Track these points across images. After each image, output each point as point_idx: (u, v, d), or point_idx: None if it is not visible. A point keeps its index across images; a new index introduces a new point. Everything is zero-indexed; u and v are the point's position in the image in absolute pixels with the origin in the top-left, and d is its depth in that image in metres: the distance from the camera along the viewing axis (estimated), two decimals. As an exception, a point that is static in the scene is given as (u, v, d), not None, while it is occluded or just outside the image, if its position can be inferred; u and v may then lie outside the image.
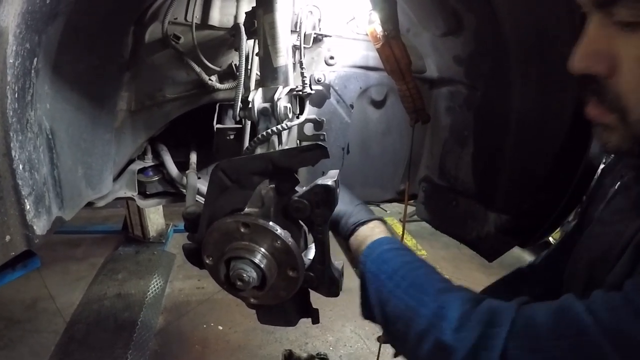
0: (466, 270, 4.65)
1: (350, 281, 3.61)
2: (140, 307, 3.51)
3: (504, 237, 1.41)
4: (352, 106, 1.52)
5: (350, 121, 1.54)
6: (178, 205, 4.64)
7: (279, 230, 0.86)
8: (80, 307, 3.55)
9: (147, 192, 1.67)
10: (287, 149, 0.94)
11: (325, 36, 1.41)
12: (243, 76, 1.19)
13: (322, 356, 3.00)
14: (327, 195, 0.87)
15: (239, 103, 1.17)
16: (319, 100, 1.47)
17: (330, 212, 0.90)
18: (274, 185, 0.94)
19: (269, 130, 1.03)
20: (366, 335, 3.56)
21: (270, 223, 0.87)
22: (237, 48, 1.21)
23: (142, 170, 1.65)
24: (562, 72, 1.03)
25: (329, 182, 0.87)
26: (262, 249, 0.87)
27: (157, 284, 3.86)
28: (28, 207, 0.88)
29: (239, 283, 0.85)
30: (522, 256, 4.98)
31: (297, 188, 0.93)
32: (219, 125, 1.46)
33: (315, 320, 1.11)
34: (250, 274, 0.84)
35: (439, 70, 1.48)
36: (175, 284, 4.04)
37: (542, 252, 1.28)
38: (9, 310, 3.56)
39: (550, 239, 4.62)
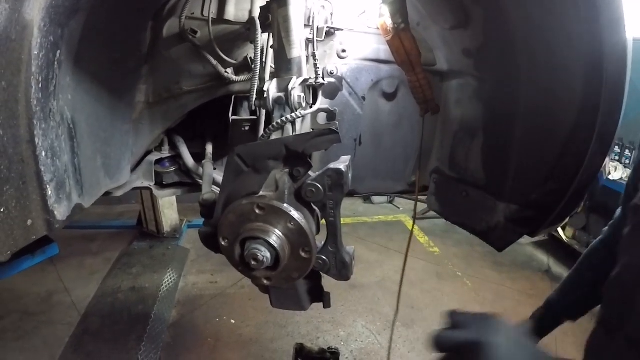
0: (478, 268, 4.64)
1: (363, 277, 3.66)
2: (154, 301, 3.56)
3: (513, 226, 1.42)
4: (364, 98, 1.55)
5: (362, 113, 1.57)
6: (192, 201, 4.72)
7: (292, 212, 0.90)
8: (95, 300, 3.61)
9: (164, 183, 1.72)
10: (301, 134, 0.98)
11: (337, 30, 1.45)
12: (259, 67, 1.23)
13: (333, 350, 3.02)
14: (339, 179, 0.91)
15: (255, 93, 1.20)
16: (332, 92, 1.50)
17: (342, 195, 0.93)
18: (288, 170, 0.97)
19: (284, 118, 1.07)
20: (377, 330, 3.58)
21: (285, 205, 0.91)
22: (253, 41, 1.25)
23: (159, 161, 1.71)
24: (568, 61, 1.06)
25: (341, 166, 0.91)
26: (277, 230, 0.90)
27: (170, 278, 3.91)
28: (50, 192, 0.92)
29: (253, 263, 0.88)
30: (534, 254, 4.98)
31: (310, 173, 0.96)
32: (234, 117, 1.51)
33: (327, 304, 1.13)
34: (265, 254, 0.88)
35: (448, 62, 1.51)
36: (188, 278, 4.09)
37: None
38: (24, 303, 3.63)
39: (560, 230, 4.62)
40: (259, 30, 1.25)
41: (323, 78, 1.43)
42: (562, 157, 1.20)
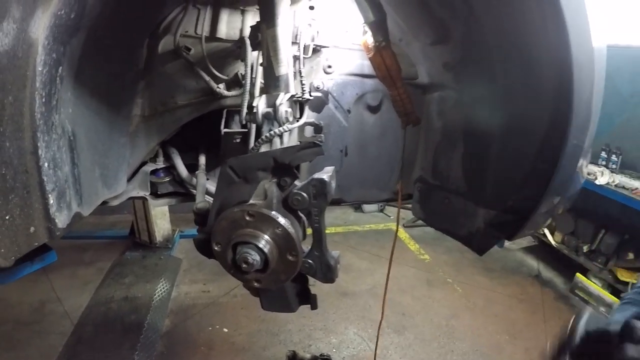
0: (468, 274, 4.71)
1: (354, 285, 3.71)
2: (147, 310, 3.58)
3: (492, 231, 1.50)
4: (349, 111, 1.63)
5: (348, 125, 1.65)
6: (184, 211, 4.74)
7: (280, 218, 0.97)
8: (88, 309, 3.61)
9: (159, 192, 1.78)
10: (287, 147, 1.05)
11: (323, 47, 1.53)
12: (249, 84, 1.30)
13: (325, 357, 3.06)
14: (323, 188, 0.98)
15: (245, 108, 1.27)
16: (318, 105, 1.58)
17: (326, 203, 1.00)
18: (276, 180, 1.04)
19: (272, 132, 1.15)
20: (369, 337, 3.63)
21: (273, 212, 0.97)
22: (243, 59, 1.32)
23: (154, 172, 1.77)
24: (540, 73, 1.14)
25: (324, 176, 0.98)
26: (265, 235, 0.97)
27: (163, 288, 3.93)
28: (51, 201, 0.96)
29: (244, 265, 0.95)
30: (524, 259, 5.07)
31: (296, 182, 1.04)
32: (226, 130, 1.58)
33: (314, 306, 1.19)
34: (255, 257, 0.95)
35: (429, 76, 1.59)
36: (181, 287, 4.11)
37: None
38: (17, 312, 3.62)
39: (549, 235, 4.70)
40: (249, 49, 1.33)
41: (310, 93, 1.51)
42: (536, 164, 1.27)
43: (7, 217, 0.85)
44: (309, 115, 1.56)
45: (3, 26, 0.75)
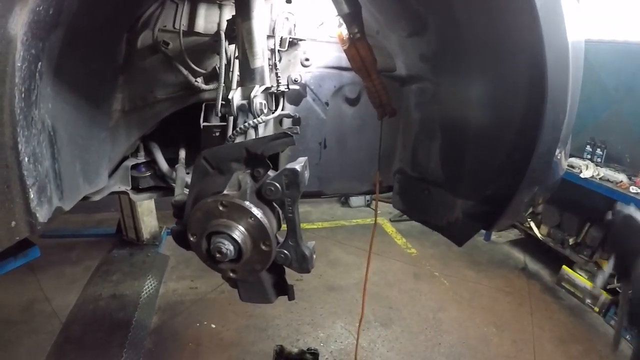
0: (455, 268, 4.76)
1: (342, 279, 3.72)
2: (135, 307, 3.57)
3: (470, 221, 1.52)
4: (327, 104, 1.64)
5: (326, 118, 1.66)
6: (172, 208, 4.75)
7: (252, 208, 0.98)
8: (76, 308, 3.59)
9: (140, 187, 1.78)
10: (259, 137, 1.06)
11: (300, 40, 1.55)
12: (223, 77, 1.31)
13: (312, 351, 3.09)
14: (295, 178, 0.99)
15: (220, 101, 1.28)
16: (296, 98, 1.59)
17: (299, 193, 1.02)
18: (249, 171, 1.06)
19: (246, 124, 1.16)
20: (356, 331, 3.65)
21: (245, 202, 0.99)
22: (218, 53, 1.33)
23: (135, 167, 1.77)
24: (514, 64, 1.16)
25: (296, 166, 0.99)
26: (239, 225, 0.98)
27: (151, 285, 3.92)
28: (32, 196, 0.96)
29: (218, 255, 0.96)
30: (510, 252, 5.13)
31: (270, 173, 1.05)
32: (205, 123, 1.58)
33: (291, 296, 1.21)
34: (228, 247, 0.96)
35: (407, 68, 1.61)
36: (169, 284, 4.11)
37: None
38: (5, 312, 3.59)
39: (535, 229, 4.76)
40: (224, 43, 1.34)
41: (287, 85, 1.52)
42: (512, 153, 1.29)
43: None
44: (287, 108, 1.58)
45: None
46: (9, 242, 0.93)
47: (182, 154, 1.75)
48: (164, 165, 1.76)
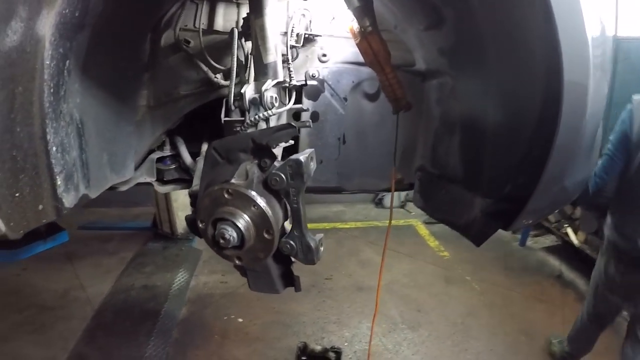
0: (487, 273, 4.61)
1: (371, 279, 3.71)
2: (165, 298, 3.71)
3: (489, 220, 1.47)
4: (345, 99, 1.64)
5: (345, 113, 1.66)
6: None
7: (256, 197, 1.01)
8: (109, 296, 3.77)
9: (165, 179, 1.85)
10: (265, 128, 1.08)
11: (316, 36, 1.56)
12: (235, 72, 1.34)
13: (336, 349, 3.09)
14: (299, 168, 1.01)
15: (232, 95, 1.32)
16: (314, 94, 1.60)
17: (303, 184, 1.03)
18: (256, 161, 1.08)
19: (257, 116, 1.18)
20: (382, 332, 3.62)
21: (249, 190, 1.01)
22: (231, 49, 1.37)
23: (160, 160, 1.84)
24: (530, 58, 1.13)
25: (301, 157, 1.00)
26: (242, 213, 1.01)
27: (182, 278, 4.06)
28: (59, 182, 1.04)
29: (221, 241, 0.99)
30: (546, 259, 4.92)
31: (276, 164, 1.07)
32: (226, 118, 1.62)
33: (298, 288, 1.22)
34: (231, 234, 0.99)
35: (426, 62, 1.59)
36: (200, 278, 4.23)
37: None
38: (42, 297, 3.81)
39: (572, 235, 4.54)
40: (236, 40, 1.37)
41: (305, 81, 1.54)
42: (530, 150, 1.25)
43: (17, 195, 0.93)
44: (305, 104, 1.59)
45: (11, 25, 0.82)
46: (37, 223, 1.00)
47: (204, 147, 1.80)
48: (187, 158, 1.82)
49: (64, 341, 3.27)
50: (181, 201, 4.65)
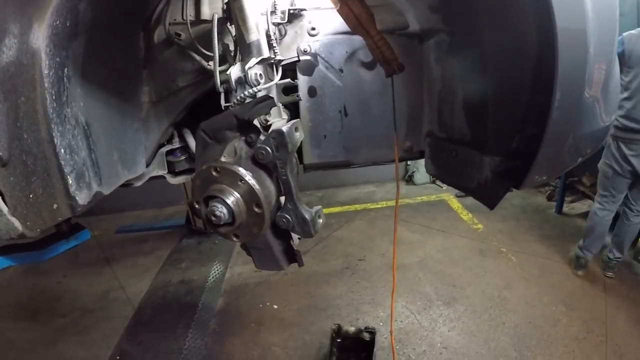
0: (523, 243, 4.47)
1: (404, 257, 3.72)
2: (202, 291, 3.82)
3: (499, 180, 1.41)
4: (341, 70, 1.61)
5: (343, 85, 1.63)
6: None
7: (240, 171, 1.01)
8: (147, 294, 3.92)
9: (176, 170, 1.89)
10: (244, 103, 1.08)
11: (302, 10, 1.53)
12: (218, 56, 1.35)
13: (369, 330, 3.08)
14: (282, 139, 1.00)
15: (217, 78, 1.33)
16: (309, 68, 1.58)
17: (288, 154, 1.02)
18: (244, 138, 1.08)
19: (242, 94, 1.18)
20: (417, 310, 3.59)
21: (234, 166, 1.01)
22: (211, 36, 1.37)
23: (171, 152, 1.88)
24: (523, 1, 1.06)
25: (283, 128, 0.99)
26: (231, 189, 1.01)
27: (217, 270, 4.17)
28: (70, 182, 1.09)
29: (213, 218, 1.00)
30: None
31: (261, 137, 1.06)
32: (226, 104, 1.63)
33: (300, 263, 1.22)
34: (222, 210, 1.00)
35: (419, 22, 1.53)
36: (234, 268, 4.32)
37: None
38: (83, 301, 4.00)
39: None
40: (216, 25, 1.36)
41: (298, 57, 1.52)
42: (533, 99, 1.18)
43: (31, 196, 1.00)
44: (301, 79, 1.58)
45: (5, 42, 0.89)
46: (53, 222, 1.07)
47: (210, 135, 1.82)
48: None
49: (106, 340, 3.42)
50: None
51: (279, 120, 1.39)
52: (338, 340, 3.01)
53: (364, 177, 6.53)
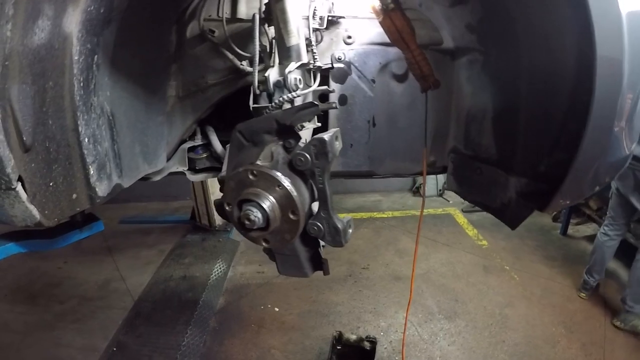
0: (527, 262, 4.46)
1: (408, 269, 3.72)
2: (203, 289, 3.80)
3: (524, 201, 1.41)
4: (373, 81, 1.61)
5: (374, 95, 1.63)
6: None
7: (279, 176, 1.00)
8: (148, 287, 3.90)
9: (197, 168, 1.88)
10: (287, 108, 1.08)
11: (340, 17, 1.53)
12: (258, 57, 1.34)
13: (370, 339, 3.07)
14: (323, 147, 0.99)
15: (256, 80, 1.32)
16: (341, 76, 1.58)
17: (328, 163, 1.01)
18: (281, 143, 1.07)
19: (281, 98, 1.18)
20: (418, 322, 3.58)
21: (273, 170, 1.00)
22: (252, 36, 1.37)
23: (192, 149, 1.87)
24: (561, 27, 1.06)
25: (325, 136, 0.99)
26: (267, 193, 1.01)
27: (220, 268, 4.15)
28: (92, 172, 1.08)
29: (247, 222, 0.99)
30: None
31: (301, 144, 1.06)
32: (254, 105, 1.63)
33: (326, 271, 1.21)
34: (256, 215, 0.99)
35: (454, 40, 1.53)
36: (237, 268, 4.32)
37: None
38: (83, 289, 3.99)
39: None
40: (257, 24, 1.36)
41: (332, 64, 1.52)
42: (566, 124, 1.18)
43: (51, 184, 0.97)
44: (333, 87, 1.58)
45: (38, 23, 0.86)
46: (70, 212, 1.04)
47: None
48: (218, 146, 1.84)
49: (104, 330, 3.41)
50: (219, 194, 4.74)
51: (310, 126, 1.39)
52: (338, 347, 3.00)
53: (371, 186, 6.53)
